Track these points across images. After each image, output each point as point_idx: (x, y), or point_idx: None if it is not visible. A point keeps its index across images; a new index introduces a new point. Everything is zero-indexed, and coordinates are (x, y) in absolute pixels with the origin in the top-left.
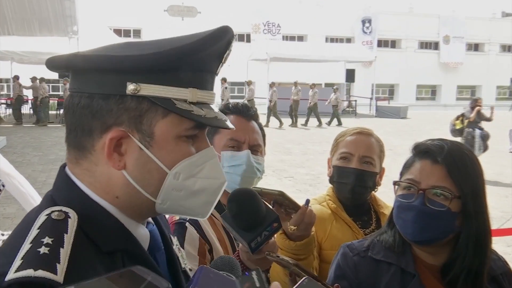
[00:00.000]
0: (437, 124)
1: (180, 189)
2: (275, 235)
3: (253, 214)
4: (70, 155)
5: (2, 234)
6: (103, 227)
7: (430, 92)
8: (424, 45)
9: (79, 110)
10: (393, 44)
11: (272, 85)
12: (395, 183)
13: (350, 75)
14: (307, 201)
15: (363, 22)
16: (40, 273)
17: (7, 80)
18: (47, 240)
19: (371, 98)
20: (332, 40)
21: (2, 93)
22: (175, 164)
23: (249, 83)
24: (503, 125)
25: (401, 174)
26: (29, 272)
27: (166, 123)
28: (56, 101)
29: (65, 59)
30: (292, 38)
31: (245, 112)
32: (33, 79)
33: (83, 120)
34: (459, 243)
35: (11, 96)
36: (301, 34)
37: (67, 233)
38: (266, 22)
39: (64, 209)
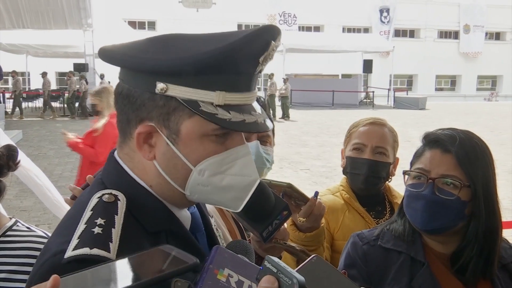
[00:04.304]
0: (456, 115)
1: (206, 185)
2: (285, 224)
3: (263, 204)
4: (119, 139)
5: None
6: (148, 209)
7: (449, 83)
8: (444, 34)
9: (121, 99)
10: (411, 33)
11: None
12: (405, 172)
13: (368, 66)
14: (316, 193)
15: (381, 11)
16: (95, 251)
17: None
18: (100, 221)
19: (389, 89)
20: (349, 30)
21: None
22: (199, 161)
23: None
24: None
25: (411, 163)
26: (86, 250)
27: (192, 122)
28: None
29: (109, 52)
30: (308, 29)
31: None
32: (13, 73)
33: (125, 108)
34: (468, 231)
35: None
36: (318, 24)
37: (117, 215)
38: (282, 13)
39: (114, 192)
